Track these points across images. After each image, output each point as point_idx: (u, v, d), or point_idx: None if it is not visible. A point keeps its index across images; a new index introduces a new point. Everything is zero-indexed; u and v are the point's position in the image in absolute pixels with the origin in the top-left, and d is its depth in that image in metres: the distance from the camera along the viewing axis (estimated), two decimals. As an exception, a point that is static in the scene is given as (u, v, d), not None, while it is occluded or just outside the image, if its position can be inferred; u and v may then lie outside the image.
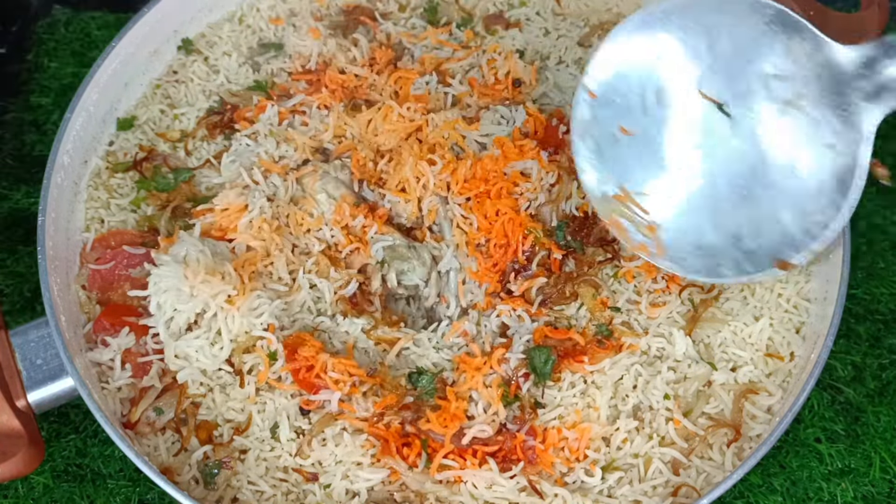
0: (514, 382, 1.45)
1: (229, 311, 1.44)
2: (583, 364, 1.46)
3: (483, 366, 1.45)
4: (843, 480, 1.57)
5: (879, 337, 1.71)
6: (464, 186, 1.58)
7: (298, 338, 1.45)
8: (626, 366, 1.46)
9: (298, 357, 1.43)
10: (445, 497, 1.39)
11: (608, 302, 1.53)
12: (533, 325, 1.51)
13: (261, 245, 1.53)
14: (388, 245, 1.57)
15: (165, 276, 1.44)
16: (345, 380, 1.42)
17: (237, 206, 1.55)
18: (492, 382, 1.44)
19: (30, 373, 1.42)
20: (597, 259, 1.57)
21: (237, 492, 1.41)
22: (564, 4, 1.92)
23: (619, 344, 1.49)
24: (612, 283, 1.55)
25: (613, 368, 1.46)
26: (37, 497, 1.54)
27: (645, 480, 1.41)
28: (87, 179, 1.70)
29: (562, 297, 1.53)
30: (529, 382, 1.45)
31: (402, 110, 1.65)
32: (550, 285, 1.54)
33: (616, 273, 1.56)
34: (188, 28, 1.87)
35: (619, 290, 1.55)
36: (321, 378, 1.42)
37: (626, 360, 1.47)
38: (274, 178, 1.61)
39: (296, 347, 1.44)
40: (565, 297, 1.54)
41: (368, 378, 1.43)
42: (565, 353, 1.47)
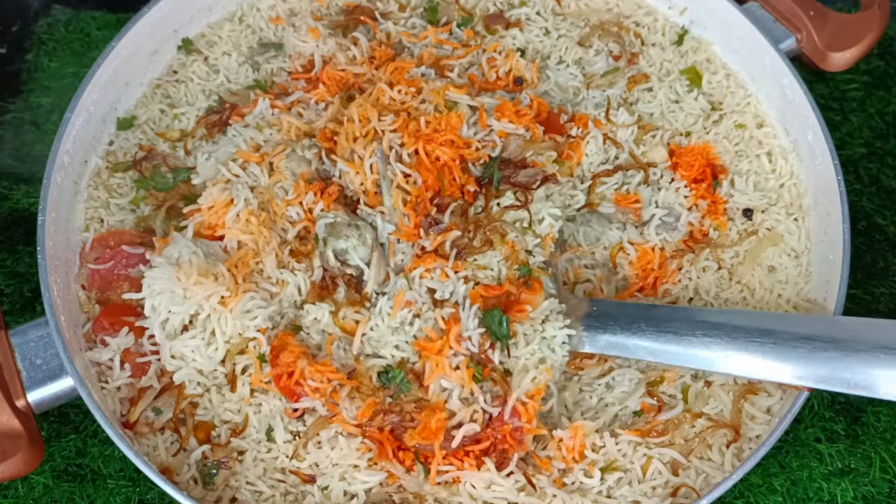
0: (483, 357, 1.42)
1: (222, 312, 1.44)
2: (526, 312, 1.44)
3: (443, 347, 1.41)
4: (843, 480, 1.57)
5: (879, 337, 1.71)
6: (413, 137, 1.55)
7: (282, 340, 1.45)
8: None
9: (280, 363, 1.43)
10: (444, 498, 1.39)
11: (516, 245, 1.50)
12: (460, 283, 1.47)
13: (250, 239, 1.51)
14: (329, 222, 1.52)
15: (159, 278, 1.44)
16: (324, 387, 1.41)
17: (223, 201, 1.53)
18: (460, 364, 1.41)
19: (29, 372, 1.42)
20: (503, 203, 1.54)
21: (236, 492, 1.42)
22: (565, 4, 1.92)
23: (540, 284, 1.48)
24: (518, 236, 1.52)
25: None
26: (37, 497, 1.55)
27: (644, 481, 1.41)
28: (87, 179, 1.70)
29: (475, 248, 1.49)
30: (497, 352, 1.42)
31: (394, 93, 1.62)
32: (462, 237, 1.50)
33: (525, 228, 1.53)
34: (188, 28, 1.87)
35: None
36: (301, 385, 1.42)
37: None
38: (253, 168, 1.58)
39: (279, 351, 1.44)
40: (479, 248, 1.49)
41: (348, 381, 1.43)
42: (505, 308, 1.45)
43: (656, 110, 1.78)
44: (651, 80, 1.81)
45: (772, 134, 1.77)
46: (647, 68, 1.83)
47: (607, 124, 1.72)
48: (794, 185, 1.71)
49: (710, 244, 1.63)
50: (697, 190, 1.67)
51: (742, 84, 1.82)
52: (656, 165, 1.69)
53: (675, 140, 1.74)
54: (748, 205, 1.67)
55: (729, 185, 1.70)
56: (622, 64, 1.83)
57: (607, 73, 1.81)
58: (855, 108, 1.98)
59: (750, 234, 1.64)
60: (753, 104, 1.80)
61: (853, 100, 1.99)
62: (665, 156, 1.71)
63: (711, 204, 1.67)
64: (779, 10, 1.80)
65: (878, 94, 2.00)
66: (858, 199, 1.85)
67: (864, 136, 1.95)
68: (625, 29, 1.87)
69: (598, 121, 1.71)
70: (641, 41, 1.87)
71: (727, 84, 1.83)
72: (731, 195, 1.68)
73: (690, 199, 1.66)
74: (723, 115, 1.80)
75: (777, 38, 1.76)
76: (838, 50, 1.76)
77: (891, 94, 2.00)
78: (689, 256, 1.61)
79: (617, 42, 1.85)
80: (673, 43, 1.88)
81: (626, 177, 1.66)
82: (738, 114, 1.79)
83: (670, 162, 1.71)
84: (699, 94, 1.81)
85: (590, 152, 1.65)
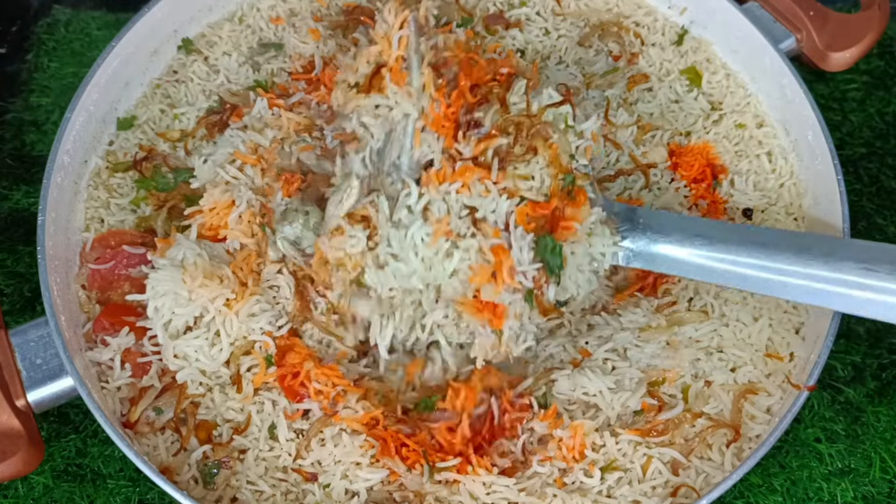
0: (536, 292, 1.31)
1: (227, 314, 1.44)
2: (573, 230, 1.34)
3: (498, 282, 1.27)
4: (843, 480, 1.57)
5: (879, 337, 1.71)
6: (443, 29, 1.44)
7: (289, 340, 1.45)
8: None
9: (285, 363, 1.43)
10: (445, 497, 1.39)
11: (558, 149, 1.38)
12: (503, 199, 1.33)
13: (252, 242, 1.52)
14: (282, 210, 1.48)
15: (163, 280, 1.44)
16: (328, 391, 1.41)
17: (224, 202, 1.54)
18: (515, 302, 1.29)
19: (29, 372, 1.42)
20: (543, 102, 1.43)
21: (236, 491, 1.41)
22: (564, 5, 1.92)
23: (584, 194, 1.38)
24: (561, 137, 1.41)
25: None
26: (37, 497, 1.54)
27: (644, 481, 1.41)
28: (87, 179, 1.70)
29: (517, 155, 1.36)
30: (552, 287, 1.32)
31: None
32: (508, 145, 1.36)
33: (568, 126, 1.42)
34: (188, 28, 1.87)
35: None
36: (305, 386, 1.42)
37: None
38: (248, 170, 1.58)
39: (285, 352, 1.44)
40: (521, 155, 1.36)
41: (353, 388, 1.43)
42: (550, 227, 1.34)
43: (656, 110, 1.78)
44: (651, 80, 1.81)
45: (772, 134, 1.77)
46: (646, 68, 1.83)
47: (607, 125, 1.72)
48: (793, 185, 1.71)
49: (711, 244, 1.63)
50: (697, 190, 1.67)
51: (742, 84, 1.82)
52: (656, 166, 1.70)
53: (675, 140, 1.74)
54: (748, 204, 1.67)
55: (729, 185, 1.70)
56: (622, 64, 1.83)
57: (607, 73, 1.81)
58: (855, 108, 1.98)
59: (750, 235, 1.64)
60: (753, 104, 1.80)
61: (853, 100, 1.99)
62: (665, 156, 1.71)
63: (711, 204, 1.67)
64: (779, 10, 1.80)
65: (877, 94, 2.00)
66: (858, 199, 1.85)
67: (864, 136, 1.95)
68: (624, 29, 1.87)
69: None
70: (641, 41, 1.87)
71: (727, 84, 1.83)
72: (731, 195, 1.68)
73: (690, 199, 1.66)
74: (723, 115, 1.80)
75: (777, 38, 1.76)
76: (838, 50, 1.76)
77: (891, 94, 2.00)
78: (690, 256, 1.61)
79: (617, 42, 1.85)
80: (673, 43, 1.88)
81: (628, 182, 1.66)
82: (738, 114, 1.79)
83: (670, 162, 1.71)
84: (699, 93, 1.81)
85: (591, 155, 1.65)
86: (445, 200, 1.32)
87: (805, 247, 1.37)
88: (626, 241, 1.41)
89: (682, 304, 1.57)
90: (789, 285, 1.36)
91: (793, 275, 1.36)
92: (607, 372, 1.49)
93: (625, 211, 1.46)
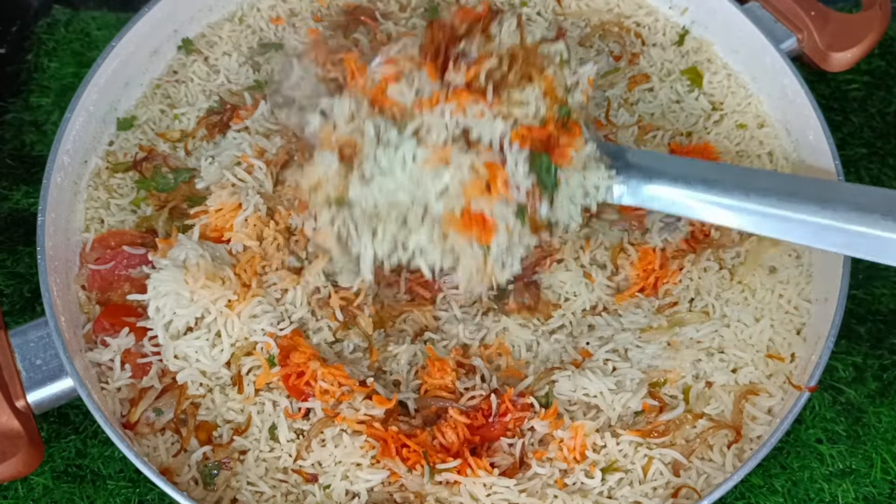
0: (529, 208, 1.29)
1: (229, 316, 1.44)
2: (569, 157, 1.33)
3: (492, 193, 1.25)
4: (845, 481, 1.57)
5: (880, 337, 1.71)
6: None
7: (292, 340, 1.45)
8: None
9: (290, 363, 1.43)
10: (445, 498, 1.39)
11: (554, 81, 1.37)
12: (498, 120, 1.31)
13: (256, 245, 1.52)
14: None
15: (165, 280, 1.44)
16: (334, 390, 1.41)
17: (231, 205, 1.54)
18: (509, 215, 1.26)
19: (29, 373, 1.42)
20: (537, 36, 1.42)
21: (236, 492, 1.41)
22: (565, 4, 1.92)
23: (579, 127, 1.37)
24: (557, 70, 1.40)
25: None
26: (36, 498, 1.54)
27: (645, 482, 1.41)
28: (87, 179, 1.69)
29: (512, 82, 1.34)
30: (546, 204, 1.30)
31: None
32: (499, 68, 1.34)
33: (563, 61, 1.40)
34: (188, 28, 1.86)
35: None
36: (311, 386, 1.42)
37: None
38: (258, 174, 1.59)
39: (289, 351, 1.44)
40: (518, 82, 1.35)
41: (359, 388, 1.43)
42: (547, 149, 1.32)
43: (657, 110, 1.78)
44: (652, 80, 1.81)
45: (773, 134, 1.77)
46: (647, 68, 1.83)
47: (608, 125, 1.72)
48: (795, 186, 1.70)
49: (712, 244, 1.63)
50: (698, 190, 1.67)
51: (743, 84, 1.82)
52: (657, 166, 1.69)
53: (676, 140, 1.74)
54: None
55: (730, 186, 1.69)
56: (623, 64, 1.83)
57: (608, 74, 1.81)
58: (856, 108, 1.98)
59: (751, 235, 1.64)
60: (754, 104, 1.80)
61: (854, 100, 1.99)
62: (666, 156, 1.71)
63: (712, 204, 1.66)
64: (780, 10, 1.80)
65: (879, 94, 2.00)
66: (859, 200, 1.85)
67: (866, 136, 1.94)
68: (625, 29, 1.87)
69: (598, 121, 1.71)
70: (642, 41, 1.87)
71: (728, 84, 1.82)
72: (732, 195, 1.68)
73: (691, 200, 1.66)
74: (724, 116, 1.80)
75: (778, 39, 1.76)
76: (839, 50, 1.76)
77: (892, 95, 2.00)
78: (691, 257, 1.61)
79: (618, 42, 1.85)
80: (674, 43, 1.88)
81: None
82: (739, 114, 1.79)
83: (671, 162, 1.70)
84: (700, 94, 1.81)
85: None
86: (447, 127, 1.30)
87: (801, 190, 1.39)
88: (619, 178, 1.41)
89: (683, 304, 1.57)
90: (784, 226, 1.38)
91: (787, 219, 1.37)
92: (608, 373, 1.49)
93: (616, 150, 1.46)
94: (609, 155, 1.42)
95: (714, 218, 1.41)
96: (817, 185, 1.47)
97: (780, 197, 1.37)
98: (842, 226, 1.34)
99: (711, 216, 1.41)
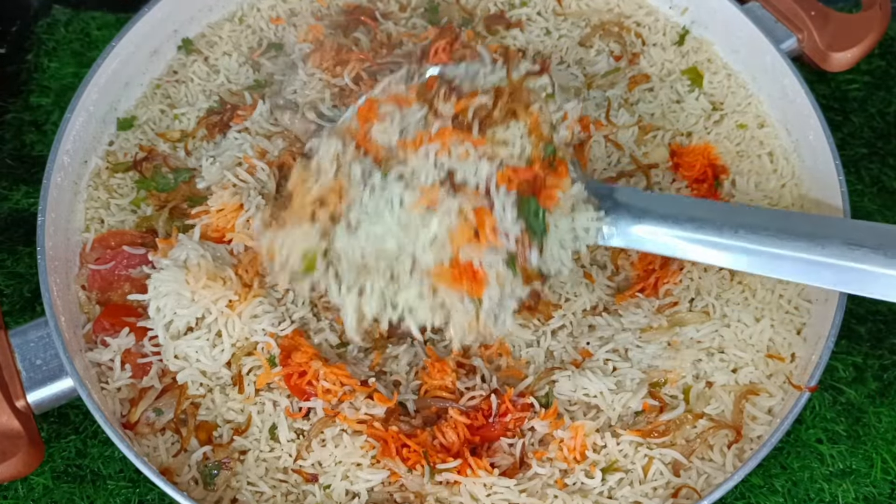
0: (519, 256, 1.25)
1: (230, 316, 1.44)
2: (556, 199, 1.29)
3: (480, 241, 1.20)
4: (845, 481, 1.57)
5: (881, 337, 1.71)
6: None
7: (294, 340, 1.45)
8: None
9: (291, 362, 1.43)
10: (445, 498, 1.39)
11: (539, 118, 1.34)
12: (483, 162, 1.27)
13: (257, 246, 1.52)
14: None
15: (166, 280, 1.44)
16: (336, 389, 1.41)
17: (232, 205, 1.54)
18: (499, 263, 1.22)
19: (29, 373, 1.42)
20: (522, 70, 1.39)
21: (237, 492, 1.41)
22: (565, 4, 1.92)
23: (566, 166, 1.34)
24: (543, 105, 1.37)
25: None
26: (37, 497, 1.54)
27: (645, 482, 1.41)
28: (87, 179, 1.69)
29: (496, 119, 1.30)
30: (535, 251, 1.25)
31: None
32: (487, 108, 1.30)
33: (549, 96, 1.37)
34: (188, 28, 1.87)
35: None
36: (313, 385, 1.42)
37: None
38: (261, 175, 1.59)
39: (290, 351, 1.44)
40: (501, 119, 1.31)
41: (361, 388, 1.43)
42: (534, 192, 1.28)
43: (657, 110, 1.78)
44: (652, 80, 1.81)
45: (773, 134, 1.77)
46: (648, 68, 1.83)
47: (608, 125, 1.72)
48: (795, 186, 1.70)
49: (712, 244, 1.62)
50: (699, 190, 1.67)
51: (743, 84, 1.82)
52: (657, 166, 1.69)
53: (677, 140, 1.74)
54: (749, 205, 1.67)
55: (730, 186, 1.69)
56: (623, 64, 1.83)
57: (608, 74, 1.81)
58: (856, 108, 1.98)
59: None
60: (755, 104, 1.80)
61: (854, 100, 1.99)
62: (666, 156, 1.71)
63: (712, 204, 1.66)
64: (780, 10, 1.80)
65: (879, 94, 2.00)
66: (860, 200, 1.85)
67: (866, 136, 1.94)
68: (626, 29, 1.87)
69: (598, 122, 1.71)
70: (642, 41, 1.87)
71: (728, 84, 1.83)
72: (733, 195, 1.68)
73: (691, 200, 1.66)
74: (724, 115, 1.79)
75: (778, 39, 1.76)
76: (839, 50, 1.76)
77: (892, 95, 1.99)
78: (691, 257, 1.61)
79: (618, 42, 1.85)
80: (674, 43, 1.88)
81: (630, 184, 1.66)
82: (740, 114, 1.79)
83: (671, 162, 1.71)
84: (700, 94, 1.81)
85: (593, 157, 1.65)
86: (434, 166, 1.27)
87: (791, 226, 1.38)
88: (607, 219, 1.40)
89: (683, 304, 1.57)
90: (774, 264, 1.37)
91: (778, 256, 1.36)
92: (608, 373, 1.49)
93: (605, 189, 1.45)
94: (597, 195, 1.40)
95: (704, 257, 1.40)
96: (808, 221, 1.46)
97: (769, 234, 1.37)
98: (833, 262, 1.33)
99: (702, 256, 1.40)
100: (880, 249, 1.31)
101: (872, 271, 1.31)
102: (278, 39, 1.87)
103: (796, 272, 1.36)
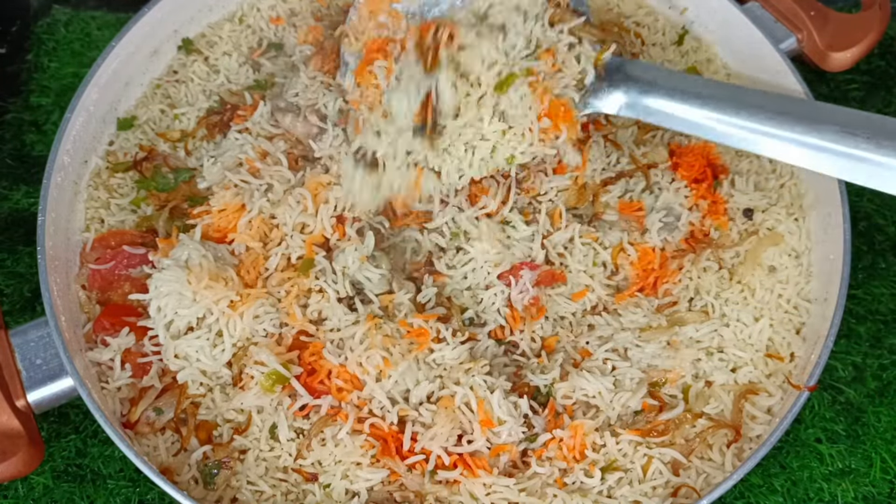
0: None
1: (231, 316, 1.44)
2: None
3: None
4: (844, 481, 1.57)
5: (880, 337, 1.71)
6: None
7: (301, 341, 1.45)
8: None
9: (302, 361, 1.43)
10: (445, 497, 1.39)
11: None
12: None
13: (259, 246, 1.52)
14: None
15: (167, 280, 1.44)
16: (349, 388, 1.41)
17: (234, 205, 1.55)
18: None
19: (29, 373, 1.42)
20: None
21: (237, 492, 1.41)
22: (565, 4, 1.92)
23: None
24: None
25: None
26: (37, 497, 1.54)
27: (644, 481, 1.41)
28: (87, 179, 1.70)
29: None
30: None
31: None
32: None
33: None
34: (188, 28, 1.87)
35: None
36: (325, 384, 1.42)
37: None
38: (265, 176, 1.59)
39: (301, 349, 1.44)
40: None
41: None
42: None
43: (657, 110, 1.78)
44: (652, 80, 1.81)
45: (772, 134, 1.76)
46: (647, 68, 1.83)
47: (607, 125, 1.72)
48: (794, 185, 1.70)
49: (711, 244, 1.63)
50: (698, 190, 1.67)
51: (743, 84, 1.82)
52: (657, 166, 1.69)
53: (676, 140, 1.74)
54: (749, 205, 1.67)
55: (729, 185, 1.69)
56: (623, 64, 1.83)
57: (608, 73, 1.81)
58: (856, 108, 1.97)
59: (750, 234, 1.64)
60: (754, 104, 1.80)
61: (854, 100, 1.99)
62: (665, 156, 1.70)
63: (712, 204, 1.66)
64: (779, 10, 1.80)
65: (878, 94, 2.00)
66: (859, 200, 1.85)
67: (865, 136, 1.94)
68: (625, 29, 1.87)
69: (597, 122, 1.71)
70: (642, 41, 1.87)
71: (728, 84, 1.83)
72: (732, 195, 1.68)
73: (691, 199, 1.66)
74: (723, 115, 1.79)
75: (778, 38, 1.76)
76: (839, 50, 1.76)
77: (891, 95, 2.00)
78: (690, 256, 1.61)
79: (617, 42, 1.84)
80: (673, 43, 1.88)
81: (629, 185, 1.66)
82: (739, 114, 1.79)
83: (671, 162, 1.70)
84: (700, 94, 1.81)
85: (592, 157, 1.65)
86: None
87: (790, 109, 1.45)
88: (619, 91, 1.52)
89: (682, 304, 1.58)
90: (767, 143, 1.43)
91: (775, 136, 1.42)
92: (607, 372, 1.49)
93: (615, 62, 1.55)
94: (609, 67, 1.53)
95: (706, 133, 1.48)
96: (807, 106, 1.51)
97: (769, 115, 1.43)
98: (829, 146, 1.38)
99: (703, 131, 1.48)
100: (873, 140, 1.36)
101: (867, 158, 1.36)
102: (278, 39, 1.87)
103: (790, 154, 1.42)
